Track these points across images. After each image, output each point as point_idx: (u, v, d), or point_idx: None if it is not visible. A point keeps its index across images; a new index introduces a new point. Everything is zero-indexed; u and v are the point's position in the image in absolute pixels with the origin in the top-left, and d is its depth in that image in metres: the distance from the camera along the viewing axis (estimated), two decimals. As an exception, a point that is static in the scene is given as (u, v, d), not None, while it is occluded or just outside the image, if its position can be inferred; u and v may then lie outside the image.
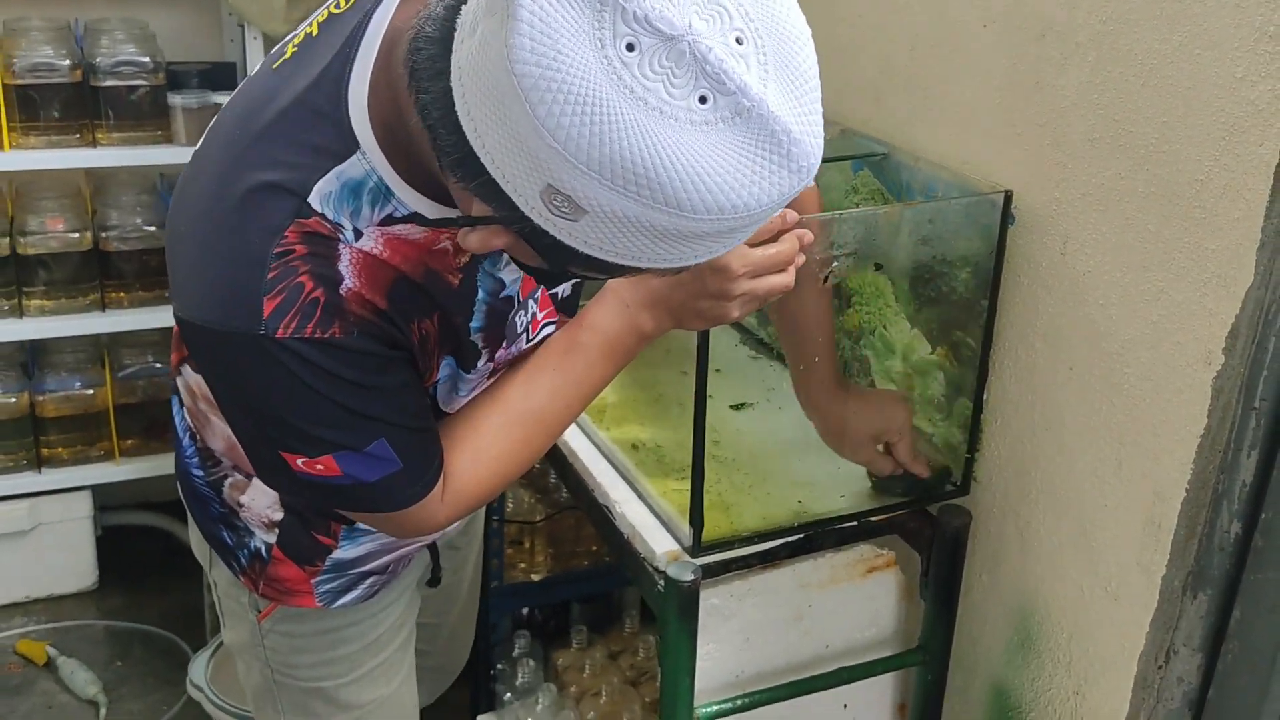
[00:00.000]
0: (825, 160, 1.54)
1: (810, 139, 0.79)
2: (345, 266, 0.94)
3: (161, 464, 2.59)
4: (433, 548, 1.39)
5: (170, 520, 2.80)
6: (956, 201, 1.34)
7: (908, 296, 1.45)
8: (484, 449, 1.10)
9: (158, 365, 2.58)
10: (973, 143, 1.42)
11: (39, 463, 2.52)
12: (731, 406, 1.62)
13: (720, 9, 0.76)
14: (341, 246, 0.94)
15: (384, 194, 0.95)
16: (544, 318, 1.18)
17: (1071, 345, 1.31)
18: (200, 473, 1.25)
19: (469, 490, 1.09)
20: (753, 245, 1.08)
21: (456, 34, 0.80)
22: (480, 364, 1.11)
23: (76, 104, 2.32)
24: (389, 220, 0.96)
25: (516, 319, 1.12)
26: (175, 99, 2.35)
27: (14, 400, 2.46)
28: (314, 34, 0.99)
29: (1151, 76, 1.17)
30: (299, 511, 1.22)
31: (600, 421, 1.56)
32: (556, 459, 1.57)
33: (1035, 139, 1.32)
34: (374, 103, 0.93)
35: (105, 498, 2.69)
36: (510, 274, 1.08)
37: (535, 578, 2.17)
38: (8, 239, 2.36)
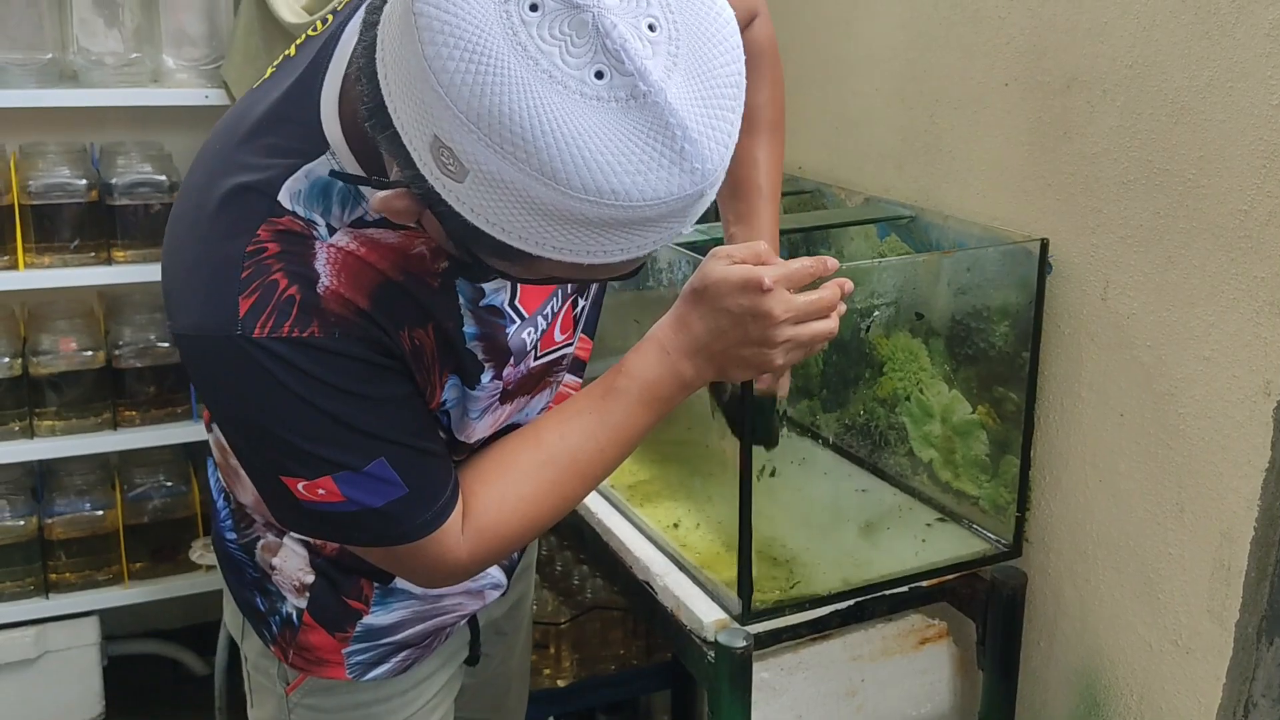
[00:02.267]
0: (850, 225, 1.57)
1: (710, 142, 0.77)
2: (322, 265, 0.91)
3: (170, 588, 2.53)
4: (473, 622, 1.33)
5: (178, 649, 2.71)
6: (993, 249, 1.34)
7: (944, 356, 1.43)
8: (513, 486, 1.05)
9: (168, 484, 2.54)
10: (1002, 198, 1.42)
11: (46, 588, 2.45)
12: (768, 475, 1.58)
13: None
14: (317, 244, 0.91)
15: (353, 195, 0.93)
16: (563, 340, 1.14)
17: (1121, 391, 1.29)
18: (233, 535, 1.22)
19: (495, 529, 1.04)
20: (795, 292, 1.06)
21: None
22: (485, 379, 1.05)
23: (92, 223, 2.32)
24: (360, 223, 0.93)
25: (523, 335, 1.07)
26: (190, 215, 2.37)
27: (23, 524, 2.40)
28: (291, 54, 1.00)
29: (1183, 114, 1.18)
30: (330, 574, 1.18)
31: (633, 499, 1.53)
32: (590, 541, 1.53)
33: (1067, 188, 1.33)
34: (345, 105, 0.92)
35: (112, 627, 2.61)
36: (492, 284, 1.03)
37: (561, 684, 2.09)
38: (20, 359, 2.34)
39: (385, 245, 0.94)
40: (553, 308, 1.11)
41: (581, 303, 1.17)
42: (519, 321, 1.06)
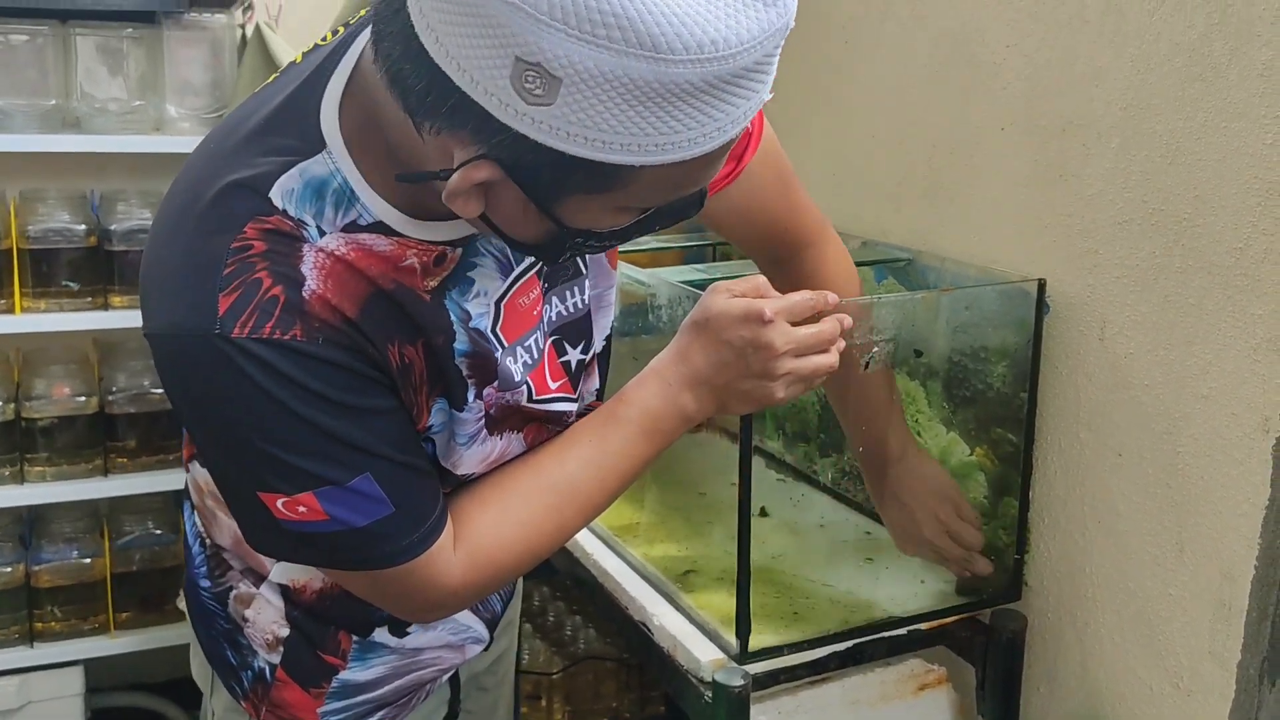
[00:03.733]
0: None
1: None
2: (309, 268, 0.88)
3: (156, 638, 2.49)
4: (454, 678, 1.30)
5: (163, 702, 2.67)
6: (991, 288, 1.34)
7: (942, 398, 1.43)
8: (509, 511, 1.03)
9: (157, 532, 2.51)
10: (999, 240, 1.43)
11: (31, 637, 2.41)
12: (760, 514, 1.58)
13: None
14: (305, 246, 0.88)
15: (348, 197, 0.90)
16: (557, 389, 1.10)
17: (1119, 431, 1.28)
18: (208, 583, 1.18)
19: (490, 554, 1.01)
20: (795, 325, 1.07)
21: None
22: (470, 399, 1.01)
23: (90, 269, 2.33)
24: (353, 227, 0.90)
25: (508, 363, 1.03)
26: (188, 262, 2.37)
27: (10, 571, 2.37)
28: (298, 61, 0.99)
29: (1179, 155, 1.20)
30: (305, 628, 1.14)
31: (630, 540, 1.52)
32: (585, 582, 1.51)
33: (1063, 229, 1.34)
34: (347, 106, 0.91)
35: (96, 679, 2.57)
36: (478, 306, 0.99)
37: (554, 737, 2.06)
38: (13, 404, 2.33)
39: (377, 253, 0.91)
40: (535, 342, 1.07)
41: (571, 352, 1.13)
42: (501, 349, 1.02)
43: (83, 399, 2.38)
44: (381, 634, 1.15)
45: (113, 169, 2.51)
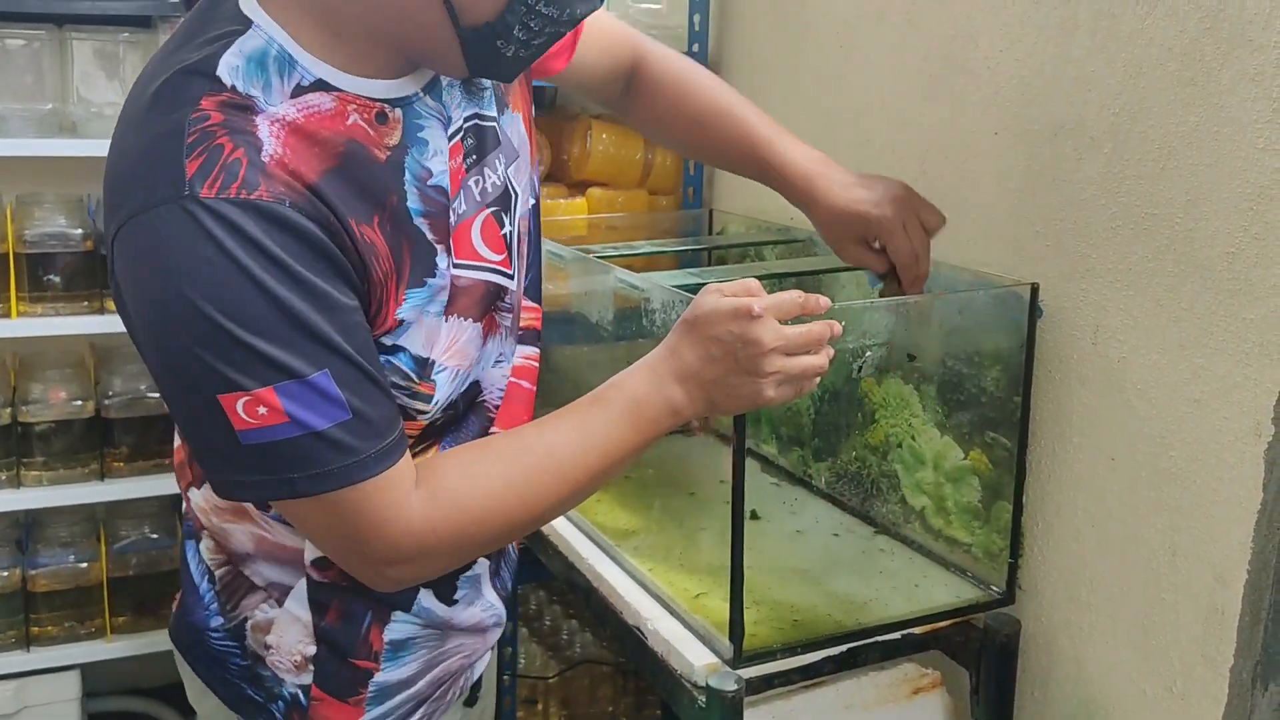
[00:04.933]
0: (841, 271, 1.58)
1: None
2: (265, 135, 0.90)
3: (153, 642, 2.49)
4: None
5: (159, 706, 2.67)
6: (984, 292, 1.35)
7: (936, 402, 1.43)
8: (480, 462, 1.02)
9: (154, 537, 2.52)
10: (993, 245, 1.43)
11: (28, 641, 2.41)
12: (751, 517, 1.58)
13: None
14: (259, 117, 0.91)
15: (288, 61, 0.94)
16: (499, 262, 1.10)
17: (1112, 435, 1.29)
18: (218, 621, 1.16)
19: (455, 498, 0.99)
20: (784, 323, 1.07)
21: None
22: (441, 265, 1.02)
23: (86, 273, 2.33)
24: (298, 90, 0.94)
25: (473, 228, 1.05)
26: (184, 266, 2.37)
27: (6, 575, 2.37)
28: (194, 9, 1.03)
29: (1170, 159, 1.20)
30: (334, 638, 1.12)
31: (622, 545, 1.52)
32: (580, 588, 1.51)
33: (1056, 234, 1.34)
34: None
35: (92, 683, 2.57)
36: (438, 164, 1.02)
37: (550, 741, 2.06)
38: (9, 409, 2.33)
39: (324, 112, 0.94)
40: (481, 186, 1.08)
41: (507, 225, 1.12)
42: (463, 205, 1.04)
43: (79, 403, 2.38)
44: (428, 599, 1.14)
45: (109, 173, 2.52)
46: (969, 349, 1.37)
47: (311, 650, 1.12)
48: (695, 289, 1.18)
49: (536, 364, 1.22)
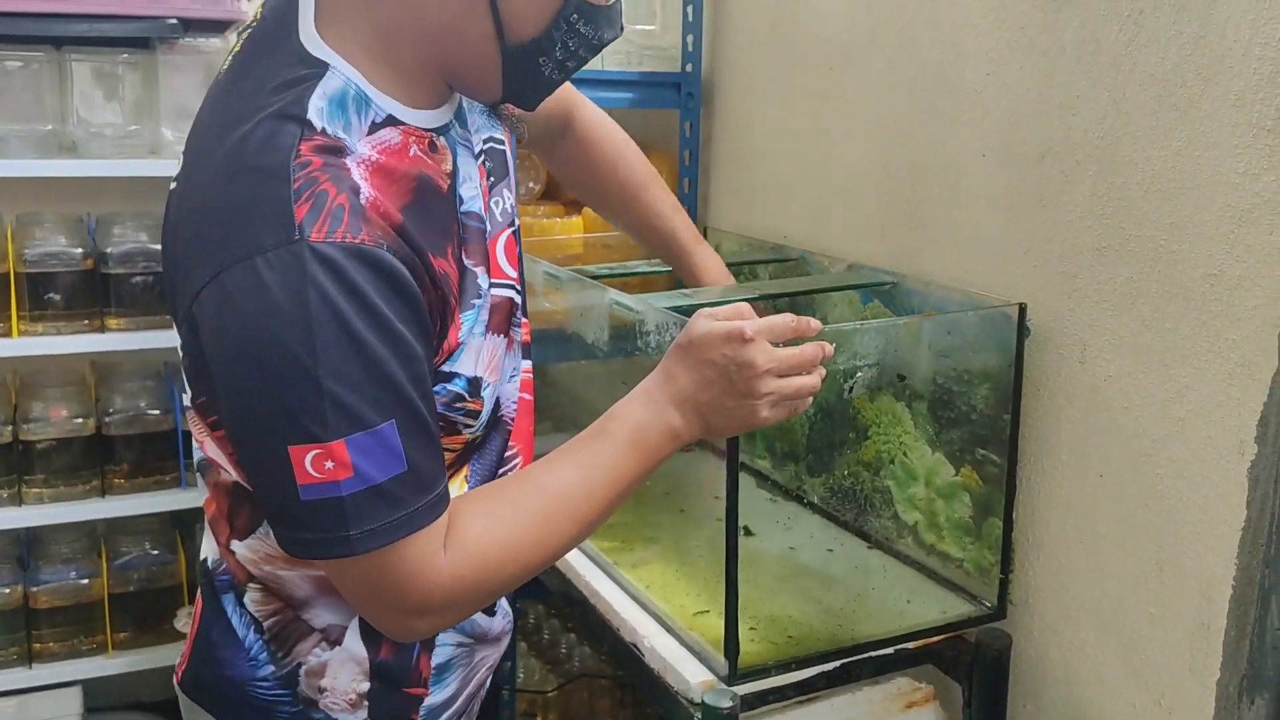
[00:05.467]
0: (834, 290, 1.61)
1: None
2: (358, 177, 0.94)
3: (154, 657, 2.51)
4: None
5: (161, 720, 2.68)
6: (973, 312, 1.37)
7: (928, 420, 1.46)
8: (500, 512, 1.04)
9: (154, 553, 2.53)
10: (981, 265, 1.46)
11: (30, 658, 2.43)
12: (745, 533, 1.60)
13: None
14: (349, 159, 0.94)
15: (364, 100, 0.97)
16: (515, 278, 1.15)
17: (1099, 452, 1.31)
18: (269, 669, 1.14)
19: (479, 549, 1.01)
20: (777, 345, 1.09)
21: None
22: (483, 285, 1.07)
23: (86, 291, 2.35)
24: (373, 128, 0.98)
25: (498, 246, 1.12)
26: (184, 284, 2.39)
27: (8, 592, 2.39)
28: (238, 50, 1.04)
29: (1155, 182, 1.22)
30: (387, 673, 1.14)
31: (620, 562, 1.54)
32: (578, 604, 1.53)
33: (1043, 255, 1.36)
34: (324, 28, 0.98)
35: (94, 698, 2.58)
36: (469, 190, 1.07)
37: (549, 755, 2.08)
38: (10, 426, 2.35)
39: (394, 147, 0.98)
40: (501, 207, 1.15)
41: (518, 245, 1.19)
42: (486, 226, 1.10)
43: (80, 421, 2.40)
44: (446, 650, 1.17)
45: (108, 192, 2.54)
46: (959, 368, 1.40)
47: (366, 687, 1.13)
48: (689, 310, 1.21)
49: (532, 375, 1.25)
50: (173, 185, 1.05)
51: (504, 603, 1.26)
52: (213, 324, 0.93)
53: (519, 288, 1.17)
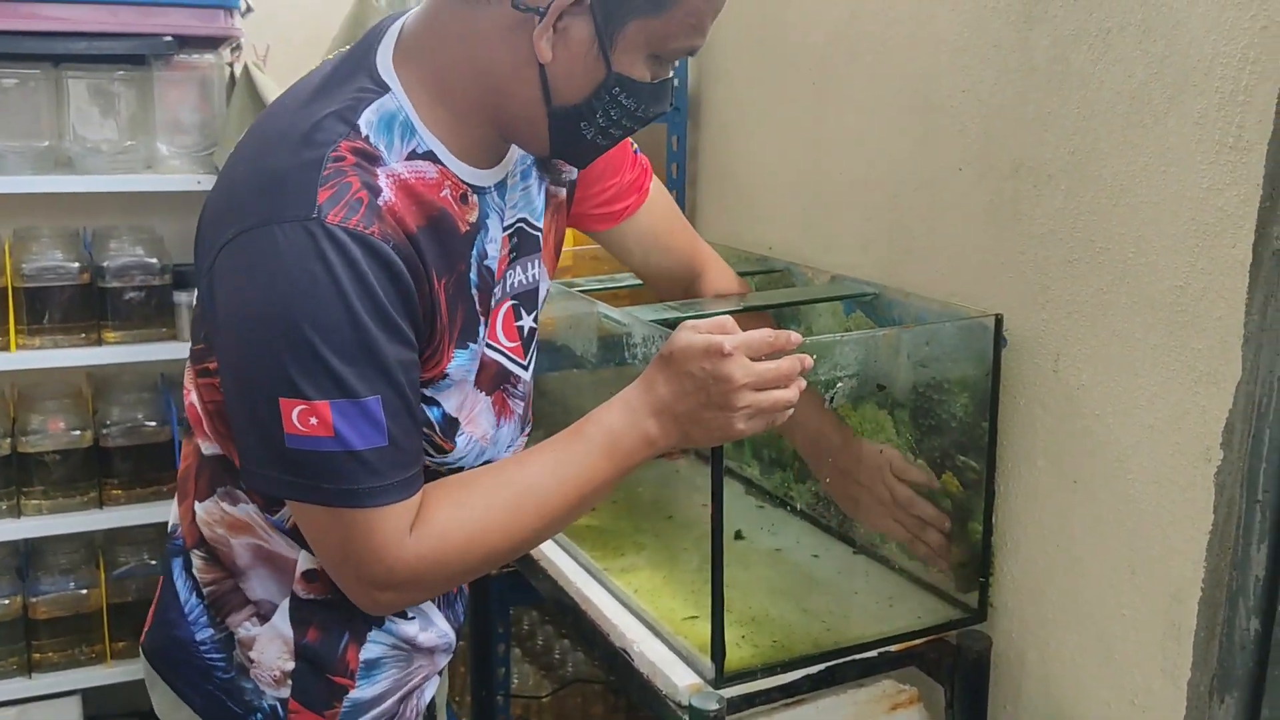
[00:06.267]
0: (818, 302, 1.64)
1: None
2: (384, 184, 1.03)
3: (153, 666, 2.53)
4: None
5: (160, 729, 2.70)
6: (951, 324, 1.40)
7: (909, 427, 1.49)
8: (469, 500, 1.10)
9: (153, 562, 2.56)
10: (959, 276, 1.49)
11: (29, 668, 2.46)
12: (736, 537, 1.64)
13: None
14: (380, 168, 1.04)
15: (410, 129, 1.07)
16: (512, 349, 1.23)
17: (1073, 459, 1.34)
18: (207, 633, 1.22)
19: (443, 532, 1.07)
20: (756, 360, 1.13)
21: None
22: (482, 333, 1.15)
23: (83, 305, 2.38)
24: (412, 155, 1.07)
25: (499, 314, 1.20)
26: (180, 297, 2.42)
27: (7, 603, 2.42)
28: (330, 58, 1.16)
29: (1122, 197, 1.26)
30: (312, 655, 1.20)
31: (610, 569, 1.57)
32: (569, 610, 1.57)
33: (1018, 266, 1.40)
34: (399, 62, 1.09)
35: (93, 708, 2.61)
36: (493, 248, 1.15)
37: (543, 759, 2.11)
38: (9, 439, 2.38)
39: (428, 179, 1.07)
40: (516, 278, 1.23)
41: (525, 318, 1.25)
42: (496, 289, 1.18)
43: (77, 433, 2.43)
44: (379, 647, 1.23)
45: (105, 207, 2.57)
46: (939, 377, 1.43)
47: (290, 666, 1.20)
48: (674, 323, 1.25)
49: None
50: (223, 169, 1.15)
51: (444, 623, 1.30)
52: (227, 278, 1.02)
53: (520, 360, 1.25)
